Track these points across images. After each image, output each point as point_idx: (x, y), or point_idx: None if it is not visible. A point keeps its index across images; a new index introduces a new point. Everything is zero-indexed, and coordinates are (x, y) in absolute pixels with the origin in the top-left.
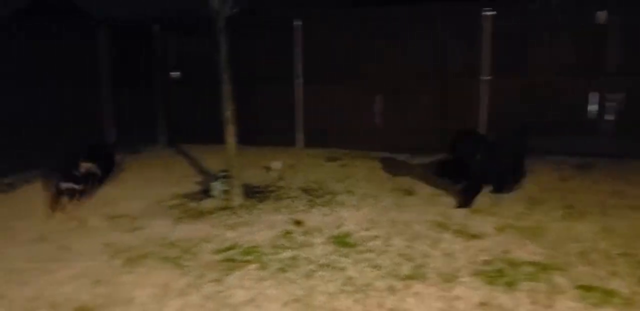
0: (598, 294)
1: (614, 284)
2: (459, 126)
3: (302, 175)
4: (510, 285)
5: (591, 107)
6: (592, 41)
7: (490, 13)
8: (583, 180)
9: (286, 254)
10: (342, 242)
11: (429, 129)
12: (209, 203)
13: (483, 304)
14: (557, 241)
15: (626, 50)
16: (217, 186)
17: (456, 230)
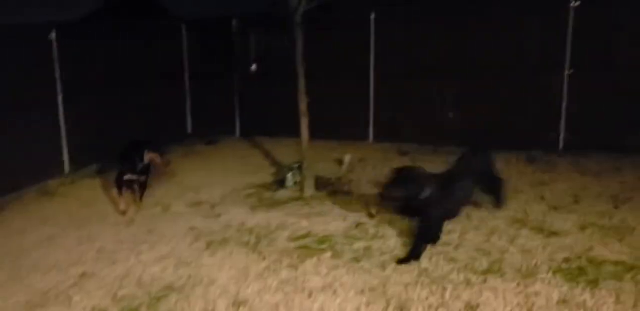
0: None
1: None
2: (537, 124)
3: (373, 169)
4: (592, 284)
5: None
6: None
7: (575, 4)
8: None
9: (360, 244)
10: None
11: (505, 126)
12: (283, 193)
13: (563, 301)
14: None
15: None
16: (291, 177)
17: (535, 227)
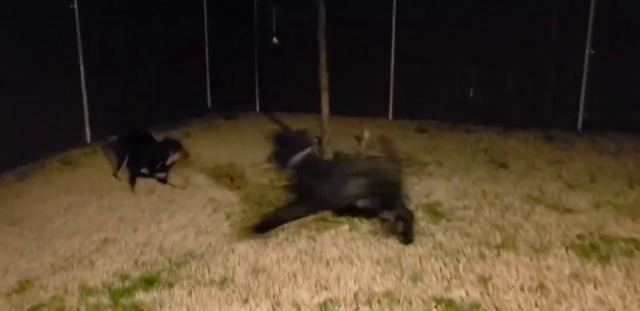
0: None
1: None
2: (556, 102)
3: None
4: (604, 259)
5: None
6: None
7: None
8: None
9: (376, 218)
10: (432, 210)
11: (524, 104)
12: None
13: (575, 275)
14: None
15: None
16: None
17: (550, 204)
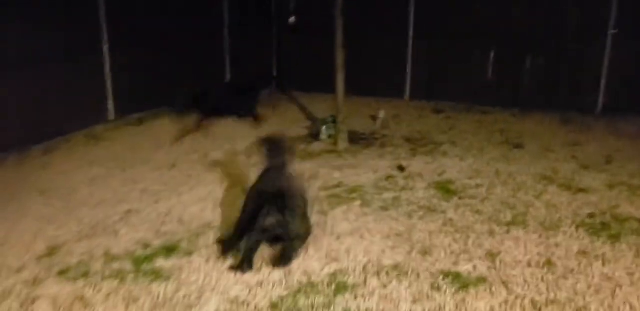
0: None
1: None
2: (575, 85)
3: (407, 125)
4: (613, 238)
5: None
6: None
7: None
8: None
9: (388, 195)
10: (444, 188)
11: (542, 86)
12: (317, 146)
13: (583, 253)
14: None
15: None
16: (325, 131)
17: (563, 184)
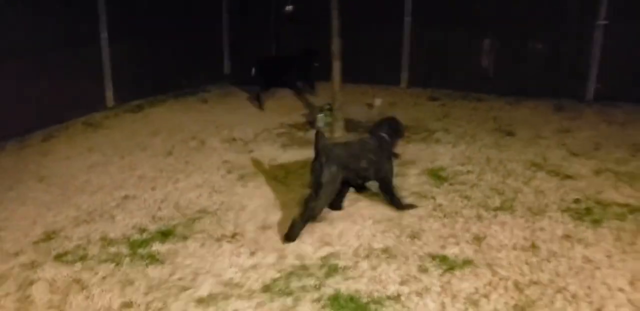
0: None
1: None
2: (568, 73)
3: (402, 113)
4: (596, 222)
5: None
6: None
7: None
8: None
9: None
10: (435, 174)
11: (536, 74)
12: (314, 133)
13: (566, 236)
14: None
15: None
16: (322, 118)
17: (551, 170)
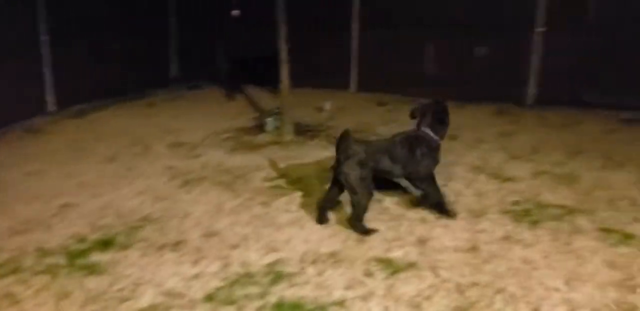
0: (617, 236)
1: (635, 228)
2: (508, 78)
3: (352, 117)
4: (534, 224)
5: None
6: None
7: None
8: (628, 134)
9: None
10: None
11: (477, 79)
12: (262, 137)
13: (505, 238)
14: (589, 188)
15: None
16: (271, 122)
17: (492, 173)
